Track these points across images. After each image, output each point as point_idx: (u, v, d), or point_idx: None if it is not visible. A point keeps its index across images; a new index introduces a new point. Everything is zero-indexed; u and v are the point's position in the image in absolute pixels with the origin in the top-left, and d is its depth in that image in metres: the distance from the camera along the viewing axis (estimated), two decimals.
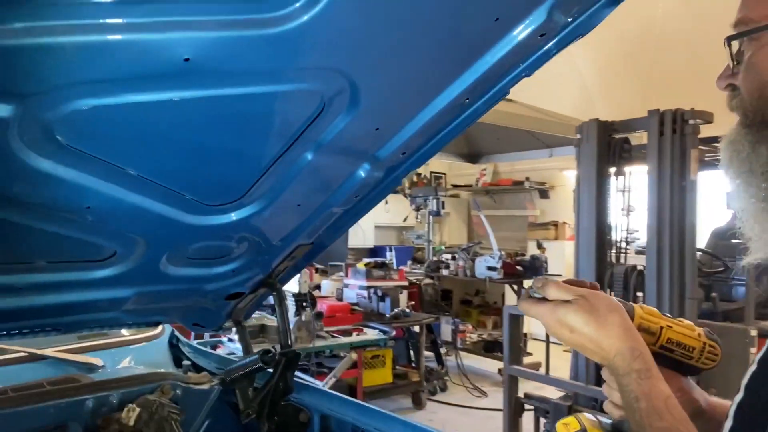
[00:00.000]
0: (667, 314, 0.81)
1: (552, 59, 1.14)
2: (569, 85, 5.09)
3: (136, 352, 1.97)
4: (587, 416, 0.75)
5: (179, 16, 0.77)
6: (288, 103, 1.03)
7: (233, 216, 1.29)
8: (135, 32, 0.76)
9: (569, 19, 1.05)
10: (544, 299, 0.76)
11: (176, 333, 2.16)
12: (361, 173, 1.31)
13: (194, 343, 2.32)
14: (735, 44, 0.72)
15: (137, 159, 1.04)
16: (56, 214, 1.07)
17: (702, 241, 4.36)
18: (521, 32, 1.03)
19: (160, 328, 2.07)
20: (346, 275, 5.89)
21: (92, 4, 0.73)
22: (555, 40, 1.10)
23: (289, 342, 1.68)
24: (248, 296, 1.69)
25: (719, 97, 0.78)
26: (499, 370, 5.40)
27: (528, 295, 0.78)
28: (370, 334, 4.77)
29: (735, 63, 0.73)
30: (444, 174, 9.78)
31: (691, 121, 3.41)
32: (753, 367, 0.65)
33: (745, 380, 0.65)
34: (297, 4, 0.79)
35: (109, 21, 0.74)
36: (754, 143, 0.69)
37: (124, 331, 2.03)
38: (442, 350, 6.09)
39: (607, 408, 0.78)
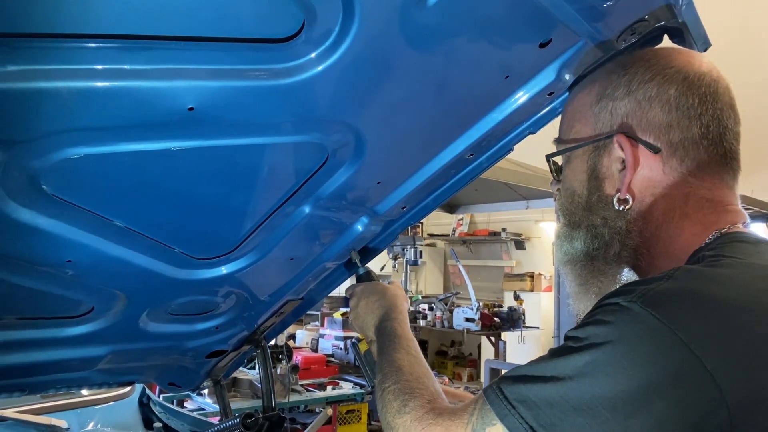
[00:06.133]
0: None
1: None
2: (546, 140, 5.22)
3: (103, 413, 1.83)
4: None
5: (187, 63, 0.73)
6: (291, 154, 0.99)
7: (223, 270, 1.22)
8: (139, 79, 0.71)
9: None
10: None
11: (147, 391, 2.03)
12: (359, 227, 1.26)
13: (161, 399, 2.18)
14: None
15: (126, 210, 0.97)
16: (33, 267, 0.99)
17: None
18: (530, 90, 1.02)
19: (130, 386, 1.93)
20: (322, 325, 5.74)
21: (94, 49, 0.68)
22: (561, 99, 1.09)
23: (273, 404, 1.58)
24: (230, 354, 1.59)
25: None
26: None
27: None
28: (346, 387, 4.61)
29: (557, 174, 0.90)
30: (421, 223, 9.80)
31: None
32: None
33: None
34: (313, 54, 0.76)
35: (112, 67, 0.69)
36: (571, 239, 0.84)
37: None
38: None
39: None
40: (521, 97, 1.02)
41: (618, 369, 0.58)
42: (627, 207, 0.79)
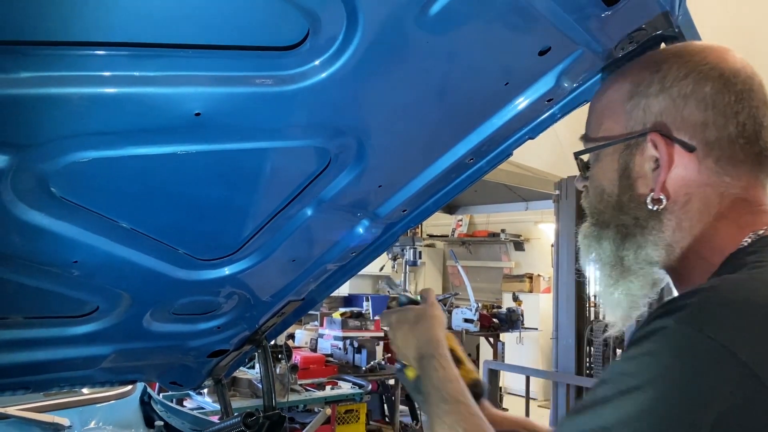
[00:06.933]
0: None
1: None
2: (545, 142, 5.24)
3: (105, 411, 1.85)
4: None
5: (194, 70, 0.75)
6: (294, 158, 1.00)
7: (226, 271, 1.24)
8: (148, 86, 0.73)
9: (575, 85, 1.06)
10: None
11: (149, 390, 2.04)
12: (360, 230, 1.28)
13: (161, 397, 2.19)
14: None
15: (132, 212, 0.99)
16: (40, 268, 1.00)
17: None
18: (529, 97, 1.03)
19: (131, 385, 1.95)
20: (321, 325, 5.75)
21: (104, 56, 0.70)
22: (560, 105, 1.11)
23: (273, 403, 1.59)
24: (232, 353, 1.61)
25: None
26: None
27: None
28: (345, 387, 4.63)
29: (584, 171, 0.88)
30: (421, 224, 9.81)
31: None
32: None
33: None
34: (317, 62, 0.78)
35: (121, 73, 0.71)
36: (600, 239, 0.82)
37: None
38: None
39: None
40: (521, 103, 1.04)
41: (682, 396, 0.55)
42: (660, 207, 0.76)
